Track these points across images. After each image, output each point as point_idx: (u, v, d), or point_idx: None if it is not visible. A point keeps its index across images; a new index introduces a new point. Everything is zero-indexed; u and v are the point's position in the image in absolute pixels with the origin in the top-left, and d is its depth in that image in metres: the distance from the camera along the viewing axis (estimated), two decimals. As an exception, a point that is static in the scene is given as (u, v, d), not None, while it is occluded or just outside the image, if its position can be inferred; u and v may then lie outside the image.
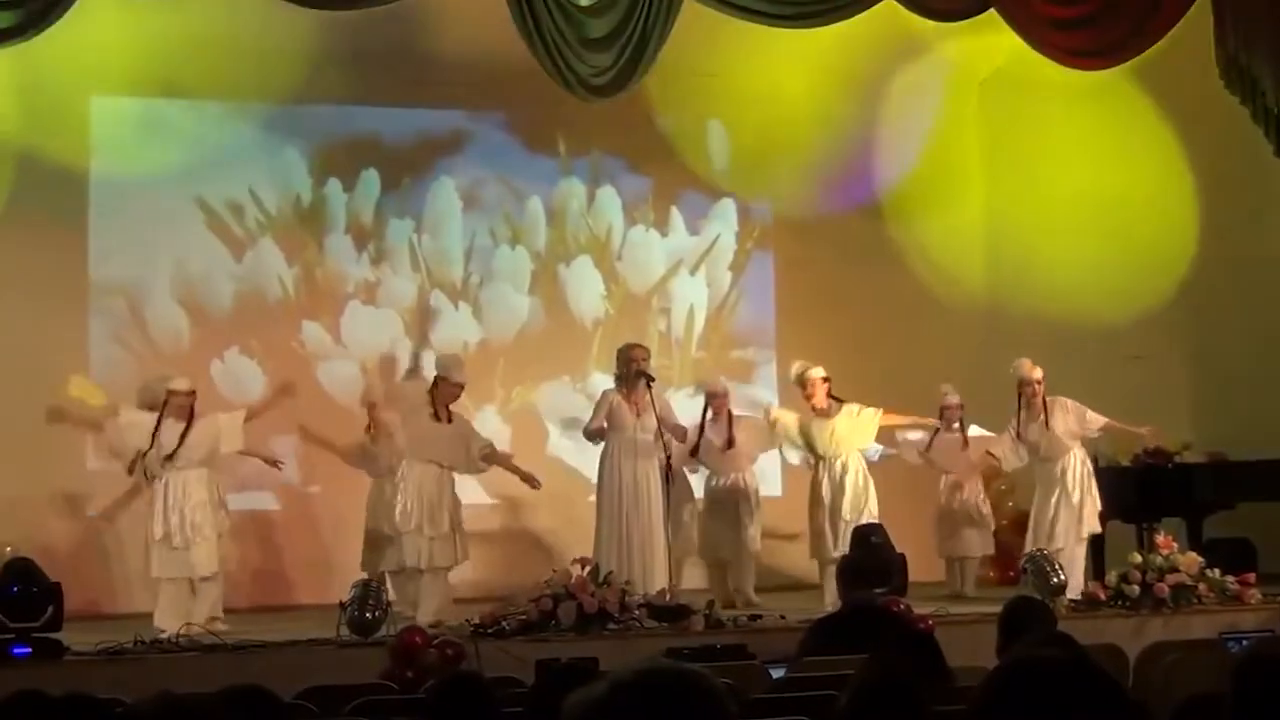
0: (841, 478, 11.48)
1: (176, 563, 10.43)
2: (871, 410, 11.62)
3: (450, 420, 11.05)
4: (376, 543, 11.31)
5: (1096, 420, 11.49)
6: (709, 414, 11.99)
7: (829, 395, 11.59)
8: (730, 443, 11.96)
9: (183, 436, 10.47)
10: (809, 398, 11.61)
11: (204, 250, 13.29)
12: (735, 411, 12.27)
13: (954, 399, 12.55)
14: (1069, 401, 11.52)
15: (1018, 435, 11.58)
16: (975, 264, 14.34)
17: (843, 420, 11.54)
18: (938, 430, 12.55)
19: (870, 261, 14.22)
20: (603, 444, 11.19)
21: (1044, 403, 11.47)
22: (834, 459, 11.53)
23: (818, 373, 11.62)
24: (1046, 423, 11.43)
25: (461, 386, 11.18)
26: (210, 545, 10.51)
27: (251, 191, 13.42)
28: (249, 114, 13.29)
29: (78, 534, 12.59)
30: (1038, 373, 11.52)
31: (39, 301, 12.49)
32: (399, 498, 10.92)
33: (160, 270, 13.15)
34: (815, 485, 11.61)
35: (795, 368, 11.88)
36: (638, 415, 10.93)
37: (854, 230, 14.34)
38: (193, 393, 10.71)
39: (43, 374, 12.41)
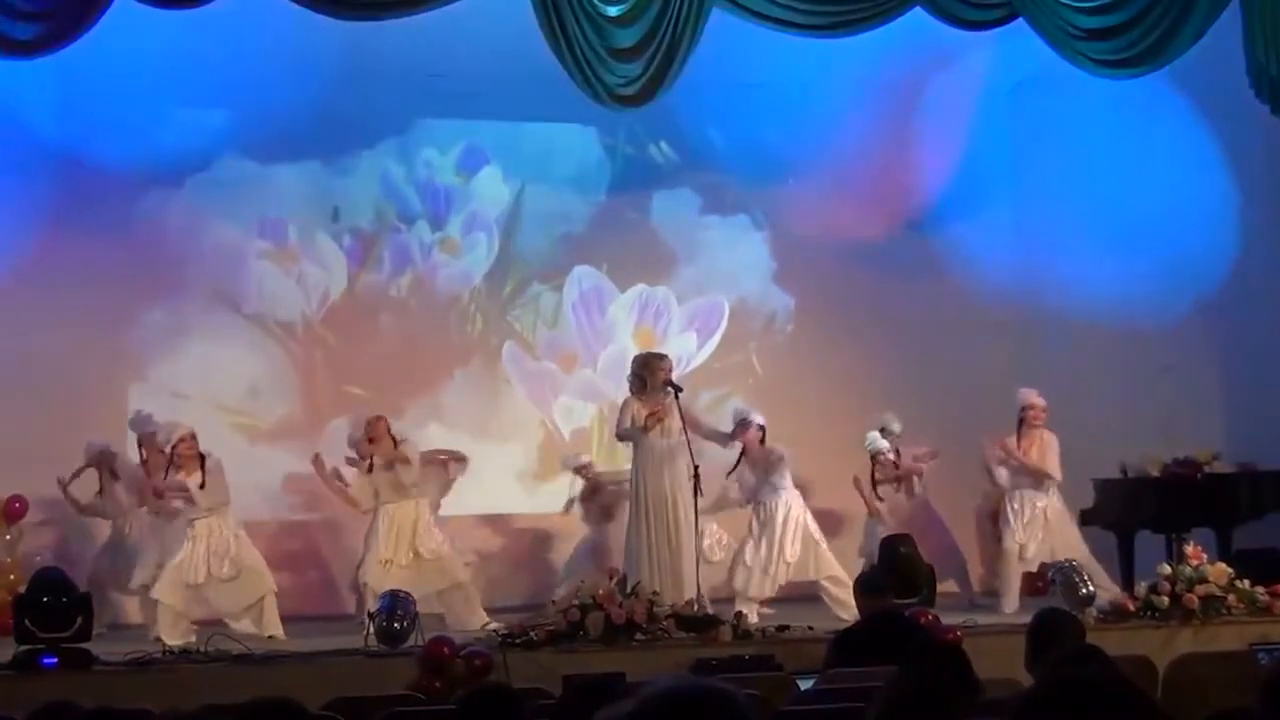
0: None
1: None
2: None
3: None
4: None
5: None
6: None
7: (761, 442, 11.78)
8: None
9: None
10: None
11: (254, 261, 13.29)
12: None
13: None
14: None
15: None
16: (1007, 274, 14.27)
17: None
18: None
19: (901, 273, 14.16)
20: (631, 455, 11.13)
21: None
22: None
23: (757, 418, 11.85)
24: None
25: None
26: None
27: (297, 205, 13.41)
28: (295, 123, 13.16)
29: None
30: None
31: (86, 310, 12.46)
32: None
33: (209, 281, 13.13)
34: None
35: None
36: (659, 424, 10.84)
37: (884, 241, 14.29)
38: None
39: (89, 385, 12.38)
